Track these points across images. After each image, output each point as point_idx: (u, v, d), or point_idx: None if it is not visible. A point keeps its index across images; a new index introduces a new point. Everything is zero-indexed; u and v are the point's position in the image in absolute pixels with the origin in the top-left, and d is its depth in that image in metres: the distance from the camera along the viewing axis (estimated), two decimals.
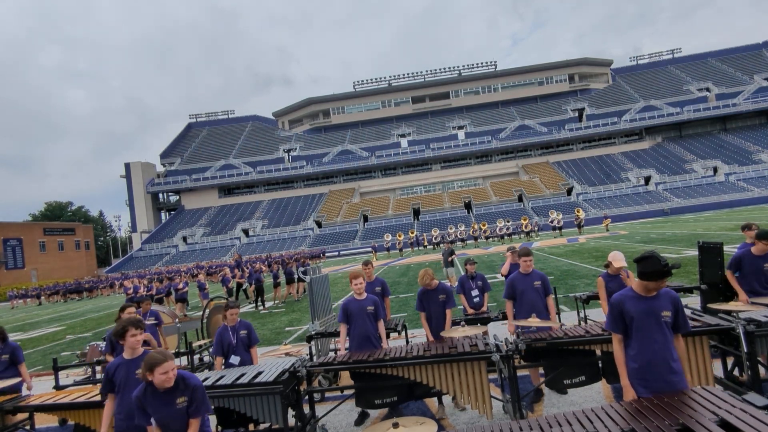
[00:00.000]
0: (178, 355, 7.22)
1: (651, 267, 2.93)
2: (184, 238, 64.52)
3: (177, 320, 8.85)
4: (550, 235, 36.19)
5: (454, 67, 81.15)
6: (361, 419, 5.18)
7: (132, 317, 3.68)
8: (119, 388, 3.51)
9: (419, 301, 5.45)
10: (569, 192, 57.91)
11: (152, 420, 3.07)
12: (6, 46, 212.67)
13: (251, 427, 4.59)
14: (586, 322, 6.70)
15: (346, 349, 5.41)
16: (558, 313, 6.77)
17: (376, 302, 5.20)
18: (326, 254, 46.86)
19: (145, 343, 3.92)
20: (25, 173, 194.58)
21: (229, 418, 4.42)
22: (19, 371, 5.37)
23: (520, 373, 4.40)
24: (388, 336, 6.41)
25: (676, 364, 3.02)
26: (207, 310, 8.42)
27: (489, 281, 6.94)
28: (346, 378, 6.36)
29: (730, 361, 4.43)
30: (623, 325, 3.12)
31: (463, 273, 6.91)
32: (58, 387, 6.94)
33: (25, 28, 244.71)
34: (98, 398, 4.36)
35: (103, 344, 7.50)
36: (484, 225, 40.01)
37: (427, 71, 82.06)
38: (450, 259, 15.22)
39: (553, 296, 5.49)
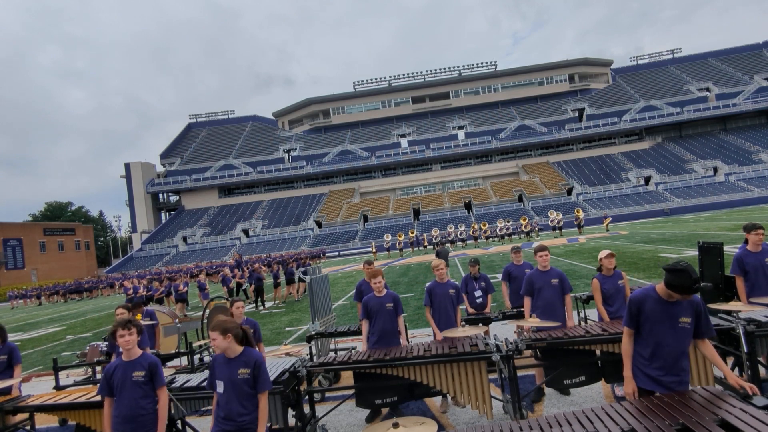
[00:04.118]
0: (178, 355, 7.22)
1: (680, 281, 2.89)
2: (184, 239, 64.54)
3: (177, 320, 8.85)
4: (550, 235, 36.19)
5: (454, 67, 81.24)
6: (372, 416, 5.22)
7: (123, 318, 3.66)
8: (116, 390, 3.48)
9: (428, 295, 5.45)
10: (569, 192, 57.93)
11: (217, 384, 3.29)
12: (5, 45, 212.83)
13: None
14: (586, 322, 6.70)
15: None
16: None
17: (396, 299, 5.25)
18: (326, 254, 46.87)
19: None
20: (25, 173, 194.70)
21: None
22: (14, 373, 5.23)
23: (520, 373, 4.41)
24: None
25: (685, 368, 3.08)
26: (207, 310, 8.41)
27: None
28: (346, 378, 6.37)
29: (730, 361, 4.43)
30: (637, 324, 3.14)
31: (466, 273, 6.91)
32: (58, 387, 6.95)
33: (23, 27, 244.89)
34: (98, 398, 4.36)
35: (103, 344, 7.50)
36: (484, 225, 40.01)
37: (427, 71, 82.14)
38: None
39: (572, 295, 5.44)
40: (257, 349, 5.18)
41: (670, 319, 3.03)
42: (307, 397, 4.68)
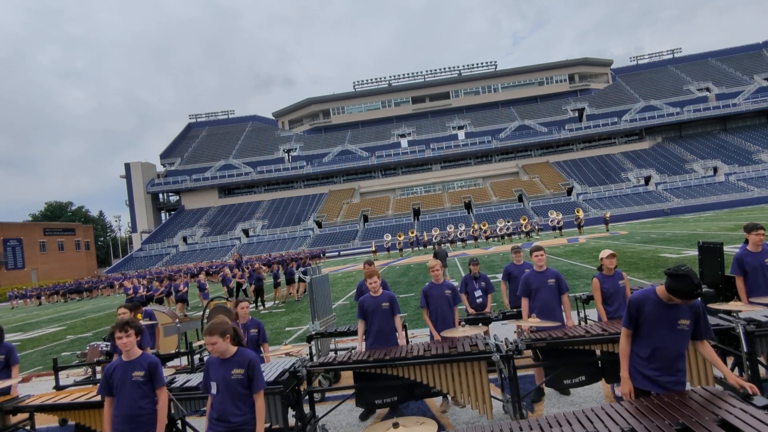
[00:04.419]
0: (178, 355, 7.22)
1: (682, 286, 2.85)
2: (184, 239, 64.52)
3: (177, 320, 8.85)
4: (550, 235, 36.19)
5: (454, 67, 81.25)
6: (366, 414, 5.23)
7: (120, 320, 3.64)
8: (116, 390, 3.48)
9: (423, 297, 5.44)
10: (569, 192, 57.92)
11: (211, 385, 3.29)
12: (5, 45, 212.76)
13: None
14: (586, 322, 6.70)
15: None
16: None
17: (392, 298, 5.23)
18: (326, 254, 46.87)
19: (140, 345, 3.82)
20: (25, 173, 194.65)
21: None
22: (11, 373, 5.18)
23: (520, 373, 4.40)
24: None
25: (681, 368, 3.10)
26: (207, 310, 8.41)
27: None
28: (346, 378, 6.37)
29: (730, 361, 4.42)
30: (636, 325, 3.14)
31: (466, 273, 6.90)
32: (58, 387, 6.95)
33: (23, 27, 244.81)
34: (98, 398, 4.36)
35: (104, 344, 7.50)
36: (484, 225, 40.00)
37: (427, 71, 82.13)
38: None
39: (569, 294, 5.43)
40: (261, 349, 5.21)
41: (670, 322, 3.03)
42: (307, 397, 4.68)
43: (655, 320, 3.04)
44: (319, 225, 61.41)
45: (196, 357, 7.29)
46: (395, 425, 2.75)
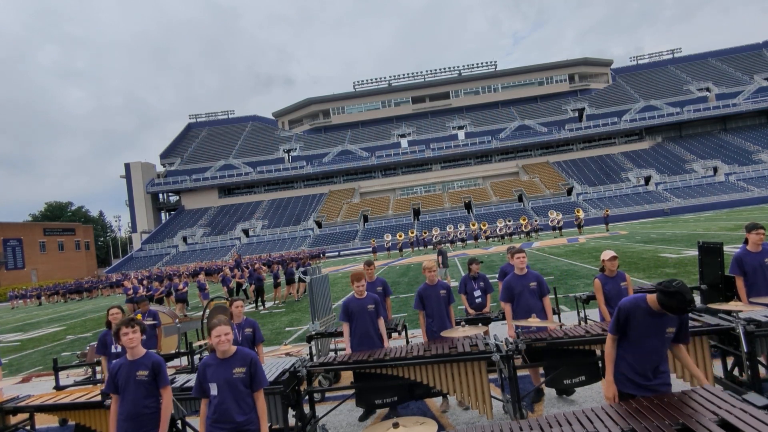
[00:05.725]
0: (178, 355, 7.22)
1: (674, 303, 2.83)
2: (184, 239, 64.51)
3: (177, 320, 8.85)
4: (550, 235, 36.19)
5: (454, 67, 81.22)
6: (366, 415, 5.24)
7: (126, 317, 3.64)
8: (121, 389, 3.49)
9: (418, 299, 5.45)
10: (569, 192, 57.91)
11: (211, 387, 3.23)
12: (5, 45, 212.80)
13: None
14: (586, 322, 6.70)
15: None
16: (558, 313, 6.76)
17: (377, 300, 5.25)
18: (326, 254, 46.86)
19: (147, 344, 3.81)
20: (25, 173, 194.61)
21: None
22: None
23: (520, 373, 4.40)
24: (389, 336, 6.42)
25: (665, 370, 3.14)
26: (207, 310, 8.40)
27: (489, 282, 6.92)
28: (346, 378, 6.37)
29: (730, 360, 4.43)
30: (623, 331, 3.15)
31: (465, 273, 6.89)
32: (58, 387, 6.96)
33: (23, 27, 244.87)
34: (99, 398, 4.36)
35: None
36: (484, 225, 40.00)
37: (427, 71, 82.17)
38: (439, 258, 15.30)
39: (551, 296, 5.45)
40: (255, 350, 5.20)
41: (658, 330, 3.05)
42: (307, 397, 4.68)
43: (645, 329, 3.05)
44: (319, 225, 61.41)
45: (196, 357, 7.29)
46: (395, 425, 2.75)
